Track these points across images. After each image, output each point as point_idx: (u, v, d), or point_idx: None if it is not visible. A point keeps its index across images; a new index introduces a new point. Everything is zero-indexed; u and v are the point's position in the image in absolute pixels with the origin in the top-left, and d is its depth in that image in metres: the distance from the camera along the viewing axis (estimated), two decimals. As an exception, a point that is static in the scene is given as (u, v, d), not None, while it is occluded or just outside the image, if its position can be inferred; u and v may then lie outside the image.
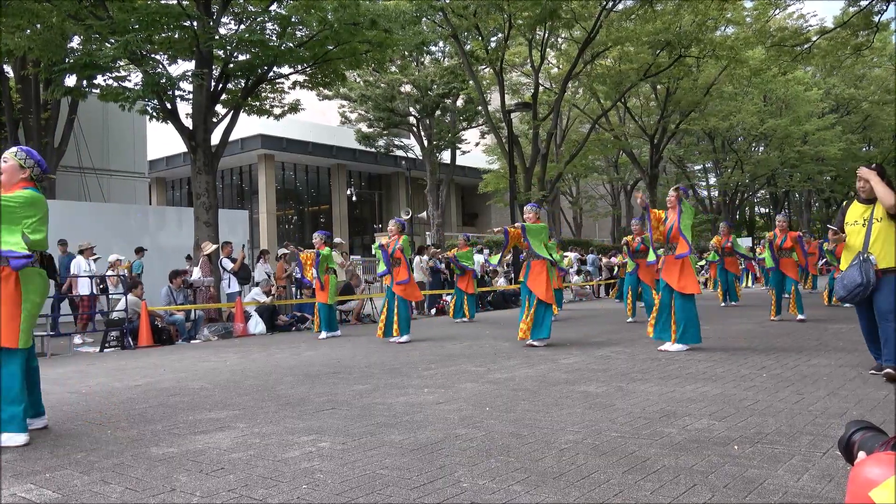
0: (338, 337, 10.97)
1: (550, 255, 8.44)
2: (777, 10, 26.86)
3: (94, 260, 12.13)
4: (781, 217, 11.39)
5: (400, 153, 34.12)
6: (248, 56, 13.88)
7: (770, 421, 3.93)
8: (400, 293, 9.52)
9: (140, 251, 14.10)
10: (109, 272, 12.20)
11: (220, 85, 14.21)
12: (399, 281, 9.52)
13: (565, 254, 20.85)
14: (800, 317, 10.42)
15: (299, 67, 15.31)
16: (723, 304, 14.81)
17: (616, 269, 20.79)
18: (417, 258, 16.53)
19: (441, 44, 27.59)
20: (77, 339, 10.91)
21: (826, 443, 3.44)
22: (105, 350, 10.21)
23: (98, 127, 22.89)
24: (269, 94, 16.23)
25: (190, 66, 14.19)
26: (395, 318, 9.53)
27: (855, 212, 5.46)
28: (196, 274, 12.99)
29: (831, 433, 3.61)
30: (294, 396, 5.36)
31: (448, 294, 16.14)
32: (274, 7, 14.11)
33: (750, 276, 24.59)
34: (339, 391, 5.53)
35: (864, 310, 5.43)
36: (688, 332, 7.27)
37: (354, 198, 38.34)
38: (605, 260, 23.81)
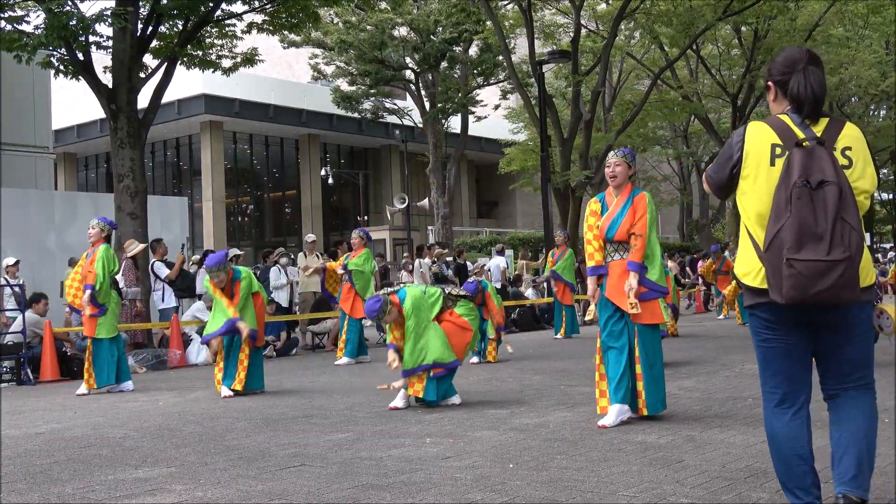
0: (305, 368, 10.95)
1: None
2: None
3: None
4: None
5: (392, 119, 34.12)
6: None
7: (896, 482, 3.92)
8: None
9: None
10: (2, 280, 12.24)
11: (150, 28, 14.23)
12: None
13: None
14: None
15: (256, 3, 15.32)
16: None
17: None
18: (418, 262, 16.58)
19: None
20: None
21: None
22: (-5, 386, 10.22)
23: (-15, 85, 23.00)
24: (215, 41, 16.24)
25: (109, 2, 14.24)
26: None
27: None
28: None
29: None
30: (250, 448, 5.38)
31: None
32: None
33: None
34: (311, 441, 5.56)
35: None
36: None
37: (331, 180, 38.40)
38: (671, 264, 23.74)
